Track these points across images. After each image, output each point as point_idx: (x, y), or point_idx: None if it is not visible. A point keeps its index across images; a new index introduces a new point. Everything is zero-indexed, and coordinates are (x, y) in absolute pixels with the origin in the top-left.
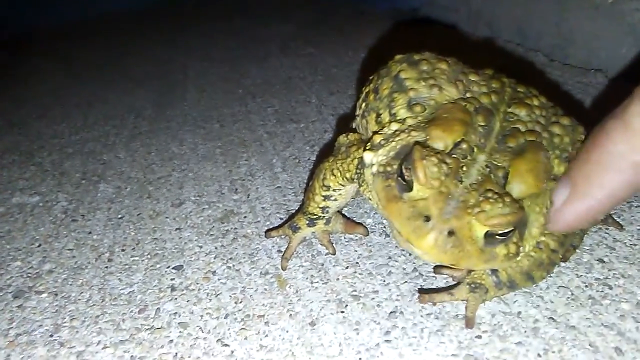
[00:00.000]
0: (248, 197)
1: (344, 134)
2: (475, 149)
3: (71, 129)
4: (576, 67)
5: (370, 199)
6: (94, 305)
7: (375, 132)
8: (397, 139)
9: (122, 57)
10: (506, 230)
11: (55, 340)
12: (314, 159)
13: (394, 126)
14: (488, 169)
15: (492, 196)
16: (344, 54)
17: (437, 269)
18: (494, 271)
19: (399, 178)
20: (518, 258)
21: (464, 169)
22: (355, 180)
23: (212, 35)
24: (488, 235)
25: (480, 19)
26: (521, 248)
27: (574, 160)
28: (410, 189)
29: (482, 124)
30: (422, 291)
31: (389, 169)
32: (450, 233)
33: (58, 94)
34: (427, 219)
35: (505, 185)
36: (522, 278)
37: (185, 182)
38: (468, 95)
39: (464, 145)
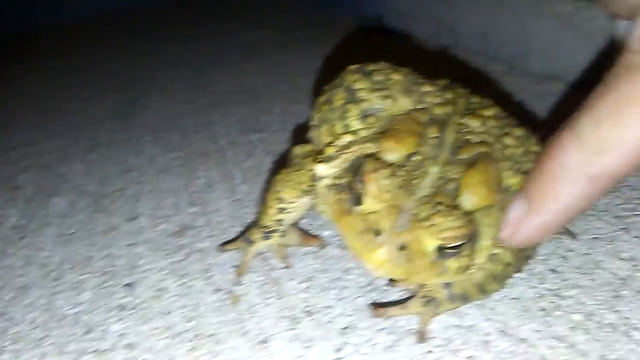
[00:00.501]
0: (205, 210)
1: (298, 145)
2: (428, 161)
3: (28, 141)
4: (535, 76)
5: (324, 212)
6: (37, 327)
7: (327, 144)
8: (350, 151)
9: (83, 65)
10: (457, 244)
11: None
12: (275, 169)
13: (347, 138)
14: (440, 182)
15: (444, 209)
16: (311, 61)
17: (392, 282)
18: (447, 284)
19: (351, 191)
20: (470, 271)
21: (416, 181)
22: (309, 192)
23: (178, 41)
24: (439, 249)
25: (443, 27)
26: (474, 261)
27: (529, 173)
28: (361, 202)
29: (435, 135)
30: (376, 305)
31: (340, 182)
32: (401, 247)
33: (17, 104)
34: (378, 233)
35: (457, 197)
36: (476, 291)
37: (142, 195)
38: (422, 106)
39: (416, 158)
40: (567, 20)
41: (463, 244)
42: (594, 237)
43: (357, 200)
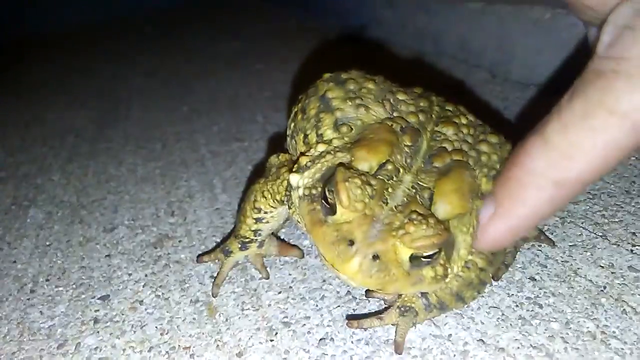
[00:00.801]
0: (184, 220)
1: (275, 155)
2: (401, 170)
3: (7, 151)
4: (516, 83)
5: (299, 222)
6: (11, 341)
7: (302, 154)
8: (323, 160)
9: (64, 74)
10: (431, 252)
11: None
12: (256, 179)
13: (321, 147)
14: (414, 190)
15: (417, 218)
16: (292, 70)
17: (369, 292)
18: (424, 293)
19: (323, 201)
20: (447, 280)
21: (390, 190)
22: (285, 202)
23: (159, 51)
24: (413, 258)
25: (426, 36)
26: (449, 270)
27: (498, 177)
28: (334, 212)
29: (409, 144)
30: (351, 317)
31: (314, 191)
32: (375, 257)
33: None
34: (351, 243)
35: (430, 206)
36: (453, 299)
37: (120, 205)
38: (395, 114)
39: (390, 167)
40: (546, 29)
41: (437, 252)
42: (573, 245)
43: (330, 210)
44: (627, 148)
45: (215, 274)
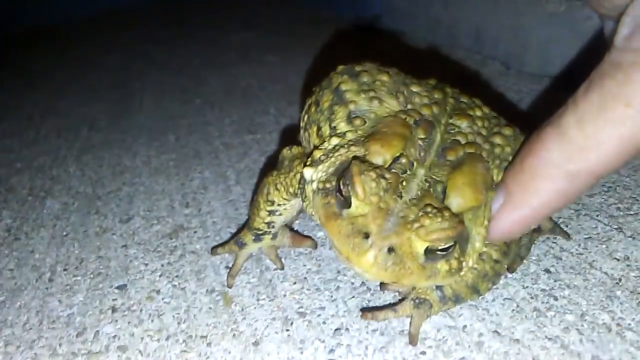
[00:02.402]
0: (199, 212)
1: (287, 147)
2: (415, 163)
3: (22, 142)
4: (531, 75)
5: (313, 215)
6: (30, 329)
7: (315, 147)
8: (337, 154)
9: (78, 66)
10: (447, 245)
11: None
12: (269, 171)
13: (334, 141)
14: (427, 184)
15: (432, 211)
16: (304, 62)
17: (383, 284)
18: (439, 286)
19: (338, 194)
20: (461, 273)
21: (404, 184)
22: (298, 195)
23: (171, 43)
24: (428, 251)
25: (440, 27)
26: (464, 263)
27: (510, 167)
28: (349, 205)
29: (422, 137)
30: (365, 309)
31: (328, 185)
32: (390, 250)
33: (10, 105)
34: (366, 236)
35: (444, 199)
36: (468, 291)
37: (136, 196)
38: (409, 107)
39: (404, 160)
40: (562, 20)
41: (452, 245)
42: (588, 237)
43: (345, 203)
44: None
45: (230, 265)
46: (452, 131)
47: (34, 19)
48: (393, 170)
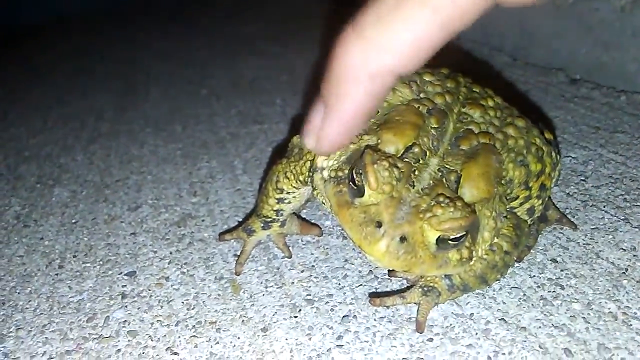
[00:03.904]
0: (207, 200)
1: (297, 135)
2: (428, 153)
3: (30, 131)
4: (538, 67)
5: (324, 203)
6: (41, 314)
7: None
8: (353, 144)
9: (84, 57)
10: (458, 235)
11: (0, 351)
12: (276, 160)
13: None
14: (440, 173)
15: (444, 200)
16: (310, 53)
17: (392, 272)
18: (448, 275)
19: (350, 183)
20: (471, 263)
21: (416, 173)
22: (308, 183)
23: (177, 34)
24: (440, 241)
25: None
26: (474, 252)
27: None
28: (361, 194)
29: (435, 126)
30: (374, 295)
31: (340, 174)
32: (402, 239)
33: (18, 96)
34: (379, 224)
35: (457, 189)
36: (476, 281)
37: (144, 185)
38: (422, 95)
39: (416, 149)
40: (569, 12)
41: (464, 235)
42: (595, 228)
43: (357, 192)
44: (439, 42)
45: (237, 253)
46: (464, 120)
47: (39, 12)
48: (406, 160)
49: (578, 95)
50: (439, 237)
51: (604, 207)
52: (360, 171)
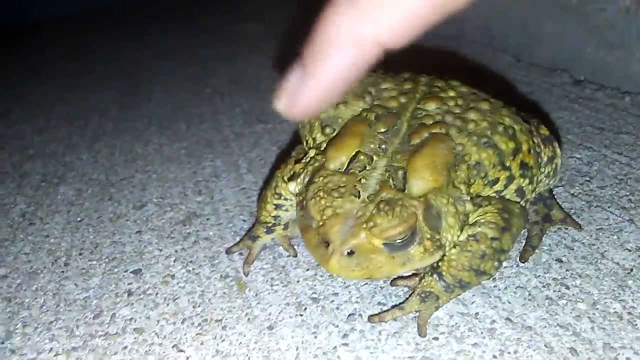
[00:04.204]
0: (212, 199)
1: (300, 145)
2: (375, 157)
3: (34, 130)
4: (542, 67)
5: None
6: (47, 311)
7: (296, 161)
8: (310, 166)
9: (86, 56)
10: (403, 237)
11: (7, 347)
12: (281, 160)
13: (311, 152)
14: (387, 173)
15: (383, 207)
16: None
17: (393, 281)
18: (440, 276)
19: (303, 209)
20: (446, 250)
21: (362, 181)
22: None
23: (180, 34)
24: (387, 245)
25: (449, 19)
26: (443, 239)
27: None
28: (312, 219)
29: (383, 130)
30: (373, 315)
31: (301, 198)
32: (350, 252)
33: (20, 94)
34: (327, 244)
35: (405, 185)
36: (471, 274)
37: (148, 183)
38: (376, 103)
39: (361, 157)
40: (573, 12)
41: (410, 235)
42: (600, 228)
43: (310, 219)
44: (429, 21)
45: (243, 251)
46: (419, 116)
47: (43, 11)
48: (351, 171)
49: (582, 96)
50: (384, 242)
51: (609, 207)
52: (303, 204)
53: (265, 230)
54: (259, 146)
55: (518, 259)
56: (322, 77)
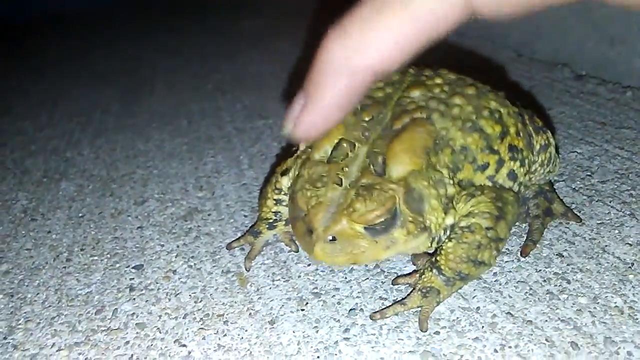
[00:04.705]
0: (213, 195)
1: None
2: (357, 144)
3: (35, 126)
4: (543, 62)
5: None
6: (50, 306)
7: (290, 155)
8: (299, 159)
9: (89, 53)
10: (384, 219)
11: (9, 342)
12: (282, 156)
13: (302, 146)
14: (368, 160)
15: (362, 192)
16: (313, 49)
17: (395, 280)
18: (439, 270)
19: (292, 201)
20: (432, 231)
21: (345, 169)
22: None
23: (181, 30)
24: (368, 229)
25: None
26: (426, 221)
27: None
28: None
29: (367, 119)
30: (374, 312)
31: (291, 191)
32: (332, 239)
33: (23, 90)
34: (311, 232)
35: (385, 170)
36: (470, 266)
37: (150, 179)
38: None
39: (344, 144)
40: (574, 7)
41: (391, 217)
42: (601, 223)
43: (299, 210)
44: (416, 46)
45: (244, 247)
46: (403, 103)
47: (45, 7)
48: (334, 159)
49: (584, 91)
50: (364, 227)
51: (610, 202)
52: (293, 196)
53: (267, 226)
54: (260, 142)
55: (519, 253)
56: (321, 104)
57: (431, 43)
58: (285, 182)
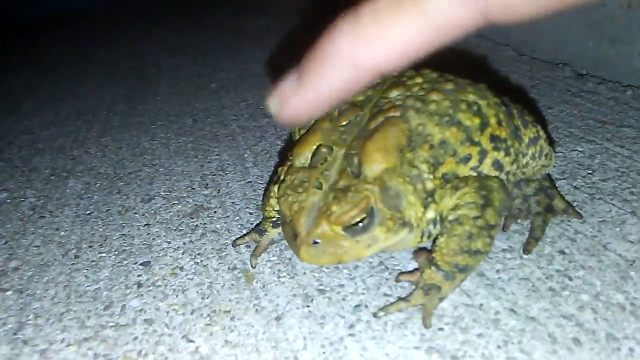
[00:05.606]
0: (218, 192)
1: None
2: (335, 148)
3: (42, 124)
4: (544, 61)
5: None
6: (59, 302)
7: (281, 165)
8: (285, 166)
9: (95, 51)
10: (361, 219)
11: (19, 338)
12: (286, 154)
13: (291, 155)
14: (346, 162)
15: (337, 194)
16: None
17: (397, 277)
18: (437, 267)
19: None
20: (413, 226)
21: (324, 173)
22: None
23: (186, 29)
24: (347, 229)
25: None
26: (406, 217)
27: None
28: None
29: (344, 123)
30: (378, 310)
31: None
32: (315, 242)
33: (30, 88)
34: (295, 236)
35: (360, 170)
36: (465, 257)
37: (156, 177)
38: None
39: (322, 149)
40: (576, 7)
41: (368, 217)
42: (602, 220)
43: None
44: (425, 49)
45: (250, 244)
46: (381, 104)
47: (51, 6)
48: (314, 165)
49: (584, 90)
50: (343, 228)
51: (611, 200)
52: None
53: (271, 224)
54: (265, 140)
55: (522, 250)
56: (315, 89)
57: (441, 47)
58: (276, 189)
